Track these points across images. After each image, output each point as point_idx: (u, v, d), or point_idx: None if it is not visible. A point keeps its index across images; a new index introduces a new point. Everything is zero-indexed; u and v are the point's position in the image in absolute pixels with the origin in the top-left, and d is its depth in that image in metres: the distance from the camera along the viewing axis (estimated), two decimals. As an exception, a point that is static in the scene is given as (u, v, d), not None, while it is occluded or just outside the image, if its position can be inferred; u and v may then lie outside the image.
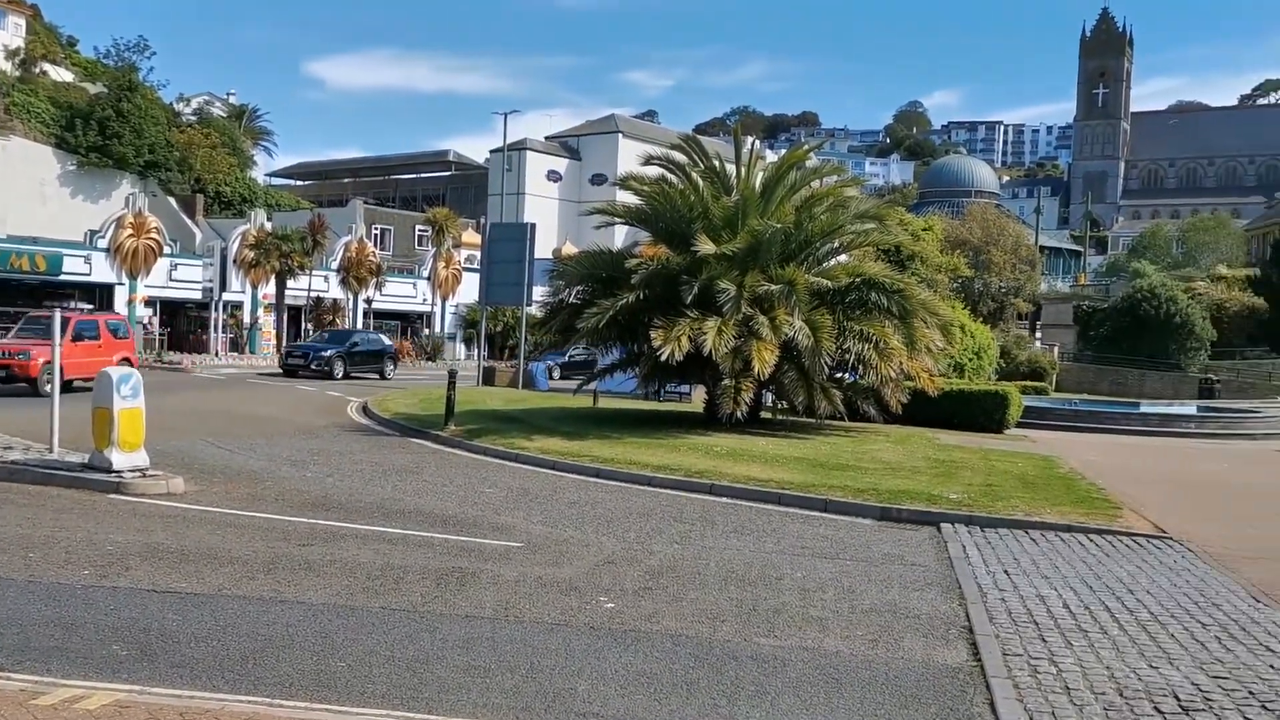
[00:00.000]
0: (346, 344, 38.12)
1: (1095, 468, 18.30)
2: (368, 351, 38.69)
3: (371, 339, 41.07)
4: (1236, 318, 60.16)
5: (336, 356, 36.42)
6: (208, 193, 63.68)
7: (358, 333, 42.56)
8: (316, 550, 9.75)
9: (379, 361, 38.65)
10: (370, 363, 38.23)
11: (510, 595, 8.42)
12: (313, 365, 35.67)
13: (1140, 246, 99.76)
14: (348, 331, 43.06)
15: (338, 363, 36.25)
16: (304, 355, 36.56)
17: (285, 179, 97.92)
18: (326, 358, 36.12)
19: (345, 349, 37.39)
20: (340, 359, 36.49)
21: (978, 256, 60.07)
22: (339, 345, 37.75)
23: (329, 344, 38.06)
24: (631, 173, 23.50)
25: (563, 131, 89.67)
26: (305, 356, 36.34)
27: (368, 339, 40.74)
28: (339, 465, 15.42)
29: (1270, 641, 7.87)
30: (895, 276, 22.23)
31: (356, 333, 42.47)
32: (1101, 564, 10.60)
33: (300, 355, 36.69)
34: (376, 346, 39.77)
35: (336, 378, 35.42)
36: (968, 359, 35.06)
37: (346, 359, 36.83)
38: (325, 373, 35.46)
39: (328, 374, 35.45)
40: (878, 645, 7.54)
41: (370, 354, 38.66)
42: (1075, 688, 6.59)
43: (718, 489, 14.25)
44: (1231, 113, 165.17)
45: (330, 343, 38.41)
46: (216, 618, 7.47)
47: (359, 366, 37.43)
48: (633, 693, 6.31)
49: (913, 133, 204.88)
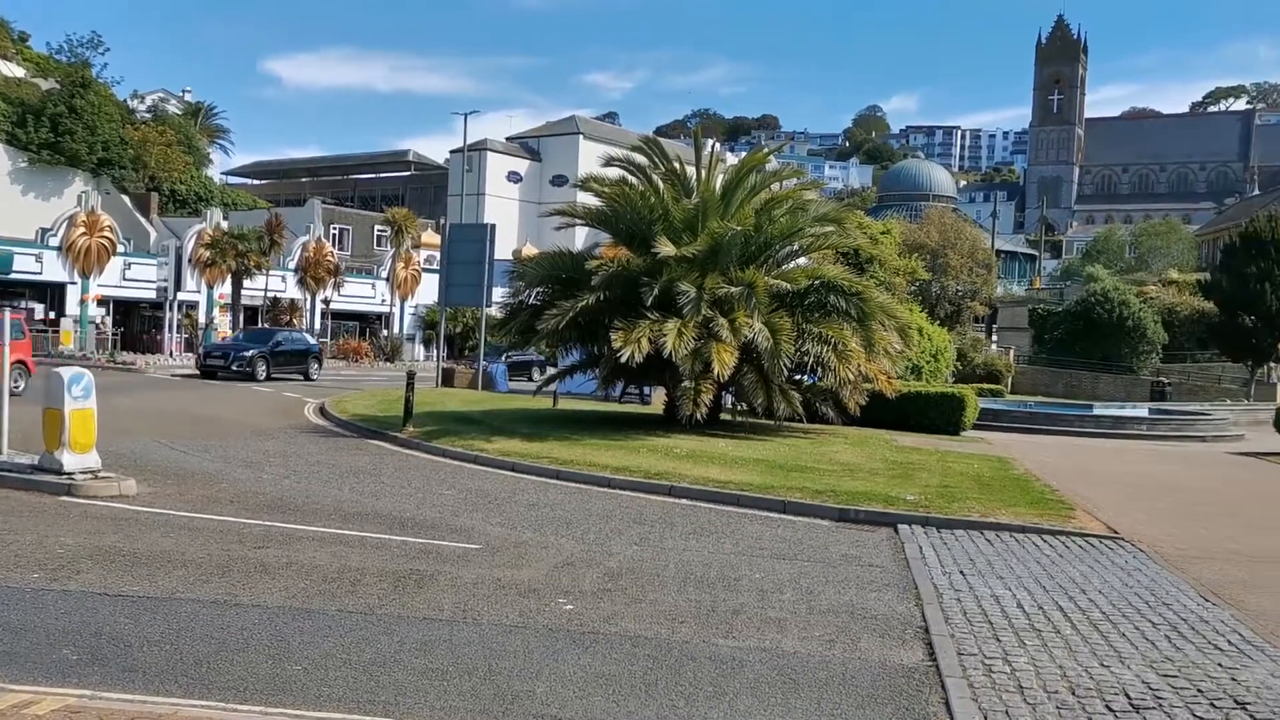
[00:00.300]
0: (269, 343, 36.17)
1: (1049, 469, 18.53)
2: (292, 351, 37.04)
3: (295, 338, 39.29)
4: (1187, 321, 61.09)
5: (259, 356, 34.63)
6: (162, 191, 62.93)
7: (281, 331, 40.45)
8: (272, 553, 9.65)
9: (303, 362, 37.03)
10: (294, 363, 36.62)
11: (468, 597, 8.38)
12: (233, 366, 33.91)
13: (1094, 251, 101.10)
14: (270, 330, 40.84)
15: (260, 363, 34.47)
16: (223, 355, 34.70)
17: (242, 178, 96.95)
18: (248, 358, 34.32)
19: (268, 349, 35.52)
20: (263, 359, 34.70)
21: (935, 260, 60.59)
22: (261, 345, 35.80)
23: (250, 343, 36.07)
24: (592, 174, 23.50)
25: (523, 132, 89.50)
26: (225, 357, 34.54)
27: (291, 338, 38.82)
28: (295, 467, 15.29)
29: (1218, 640, 8.01)
30: (854, 279, 22.39)
31: (279, 331, 40.27)
32: (1055, 564, 10.73)
33: (220, 355, 34.81)
34: (301, 346, 38.09)
35: (259, 379, 33.80)
36: (925, 361, 35.35)
37: (269, 359, 35.04)
38: (247, 374, 33.76)
39: (249, 375, 33.78)
40: (835, 646, 7.59)
41: (294, 354, 37.02)
42: (1029, 687, 6.67)
43: (677, 490, 14.28)
44: (1183, 120, 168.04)
45: (252, 342, 36.41)
46: (170, 621, 7.37)
47: (283, 367, 35.76)
48: (591, 694, 6.31)
49: (871, 137, 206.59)
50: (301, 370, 36.53)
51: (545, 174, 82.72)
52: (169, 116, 73.38)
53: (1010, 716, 6.15)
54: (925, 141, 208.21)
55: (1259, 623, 8.62)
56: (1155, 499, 16.42)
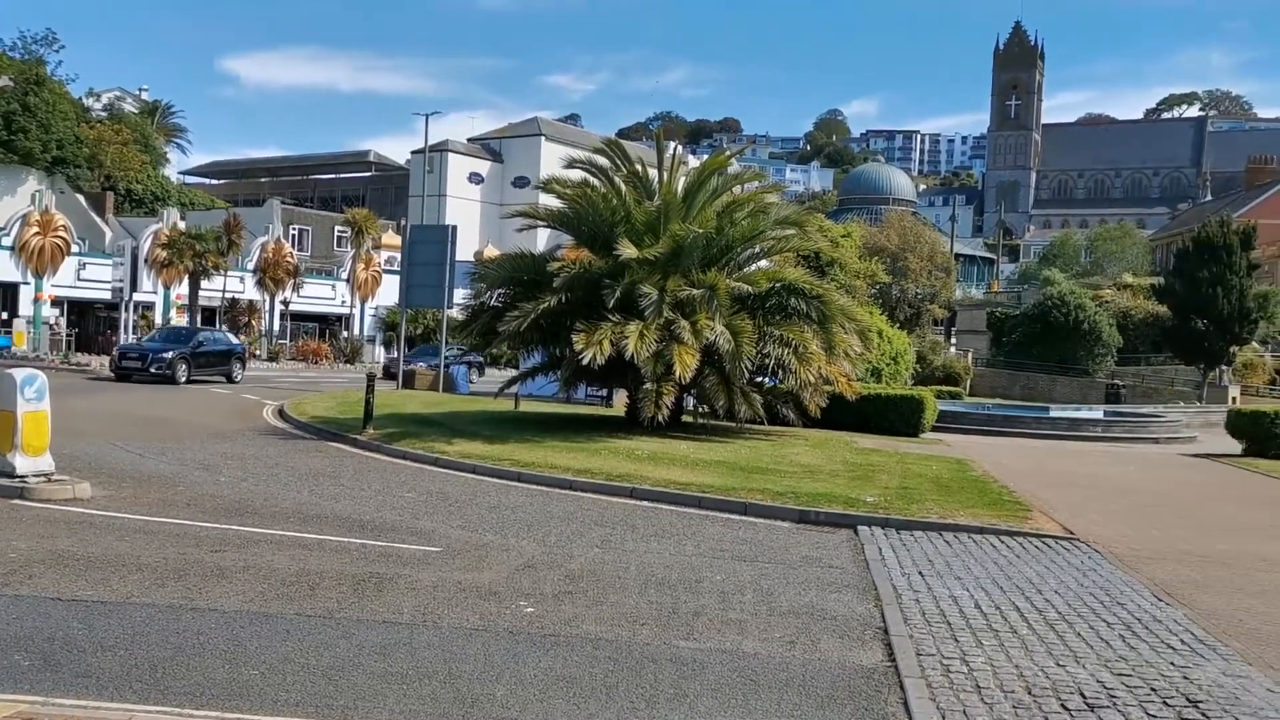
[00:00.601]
0: (190, 344, 33.86)
1: (1007, 470, 18.72)
2: (214, 352, 34.76)
3: (218, 337, 37.11)
4: (1141, 325, 61.95)
5: (179, 358, 32.30)
6: (118, 190, 62.16)
7: (202, 330, 38.20)
8: (229, 556, 9.55)
9: (226, 363, 34.84)
10: (217, 365, 34.47)
11: (428, 600, 8.34)
12: (151, 368, 31.64)
13: (1051, 255, 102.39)
14: (190, 329, 38.31)
15: (180, 365, 32.16)
16: (140, 357, 32.29)
17: (200, 177, 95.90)
18: (168, 360, 31.94)
19: (189, 349, 33.23)
20: (183, 360, 32.38)
21: (895, 263, 61.13)
22: (181, 345, 33.51)
23: (170, 344, 33.77)
24: (554, 176, 23.45)
25: (485, 133, 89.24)
26: (142, 359, 32.15)
27: (214, 338, 36.61)
28: (253, 469, 15.14)
29: (1171, 639, 8.13)
30: (815, 282, 22.51)
31: (201, 330, 38.03)
32: (1012, 565, 10.85)
33: (136, 357, 32.40)
34: (224, 346, 35.89)
35: (179, 382, 31.62)
36: (885, 364, 35.64)
37: (190, 361, 32.75)
38: (166, 377, 31.52)
39: (169, 378, 31.51)
40: (795, 647, 7.62)
41: (217, 355, 34.81)
42: (986, 686, 6.74)
43: (639, 492, 14.28)
44: (1137, 126, 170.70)
45: (171, 342, 34.10)
46: (124, 626, 7.28)
47: (204, 369, 33.60)
48: (552, 696, 6.30)
49: (832, 140, 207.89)
50: (224, 372, 34.53)
51: (507, 175, 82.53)
52: (125, 115, 72.48)
53: (968, 716, 6.21)
54: (885, 145, 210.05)
55: (1210, 622, 8.76)
56: (1110, 500, 16.63)
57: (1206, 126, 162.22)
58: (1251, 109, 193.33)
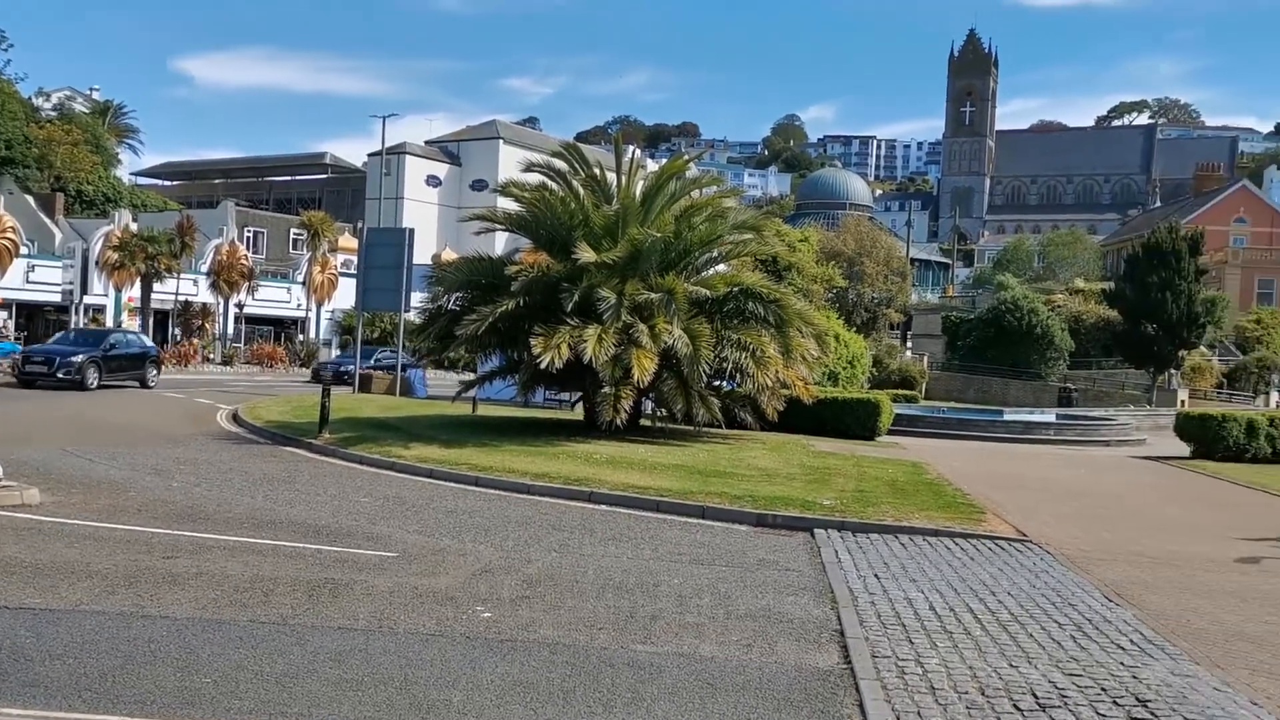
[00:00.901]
0: (101, 346, 31.53)
1: (961, 474, 18.92)
2: (127, 355, 32.52)
3: (130, 340, 34.54)
4: (1093, 329, 62.80)
5: (89, 362, 30.08)
6: (68, 191, 61.24)
7: (114, 332, 35.48)
8: (182, 563, 9.43)
9: (140, 367, 32.62)
10: (130, 369, 32.32)
11: (385, 606, 8.28)
12: (59, 374, 29.40)
13: (1004, 260, 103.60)
14: (101, 331, 35.78)
15: (90, 369, 29.98)
16: (46, 361, 30.02)
17: (152, 178, 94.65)
18: (76, 364, 29.65)
19: (100, 353, 30.90)
20: (94, 365, 30.15)
21: (852, 268, 61.48)
22: (92, 348, 31.16)
23: (79, 346, 31.40)
24: (512, 179, 23.40)
25: (443, 136, 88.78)
26: (49, 363, 29.85)
27: (126, 340, 34.11)
28: (206, 474, 14.96)
29: (1120, 640, 8.26)
30: (772, 286, 22.61)
31: (113, 332, 35.32)
32: (966, 567, 10.97)
33: (41, 361, 30.14)
34: (137, 349, 33.59)
35: (90, 388, 29.56)
36: (842, 368, 35.86)
37: (101, 365, 30.50)
38: (75, 383, 29.30)
39: (78, 384, 29.33)
40: (752, 650, 7.65)
41: (130, 358, 32.60)
42: (940, 688, 6.81)
43: (597, 496, 14.28)
44: (1088, 133, 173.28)
45: (80, 345, 31.72)
46: (73, 634, 7.16)
47: (117, 374, 31.54)
48: (509, 702, 6.28)
49: (790, 145, 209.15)
50: (138, 377, 32.42)
51: (465, 178, 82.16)
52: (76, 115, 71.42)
53: (922, 717, 6.27)
54: (842, 151, 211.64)
55: (1159, 622, 8.91)
56: (1062, 503, 16.86)
57: (1156, 134, 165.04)
58: (1199, 117, 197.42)
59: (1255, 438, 25.33)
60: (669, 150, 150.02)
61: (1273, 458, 25.13)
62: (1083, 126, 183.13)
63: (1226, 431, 25.41)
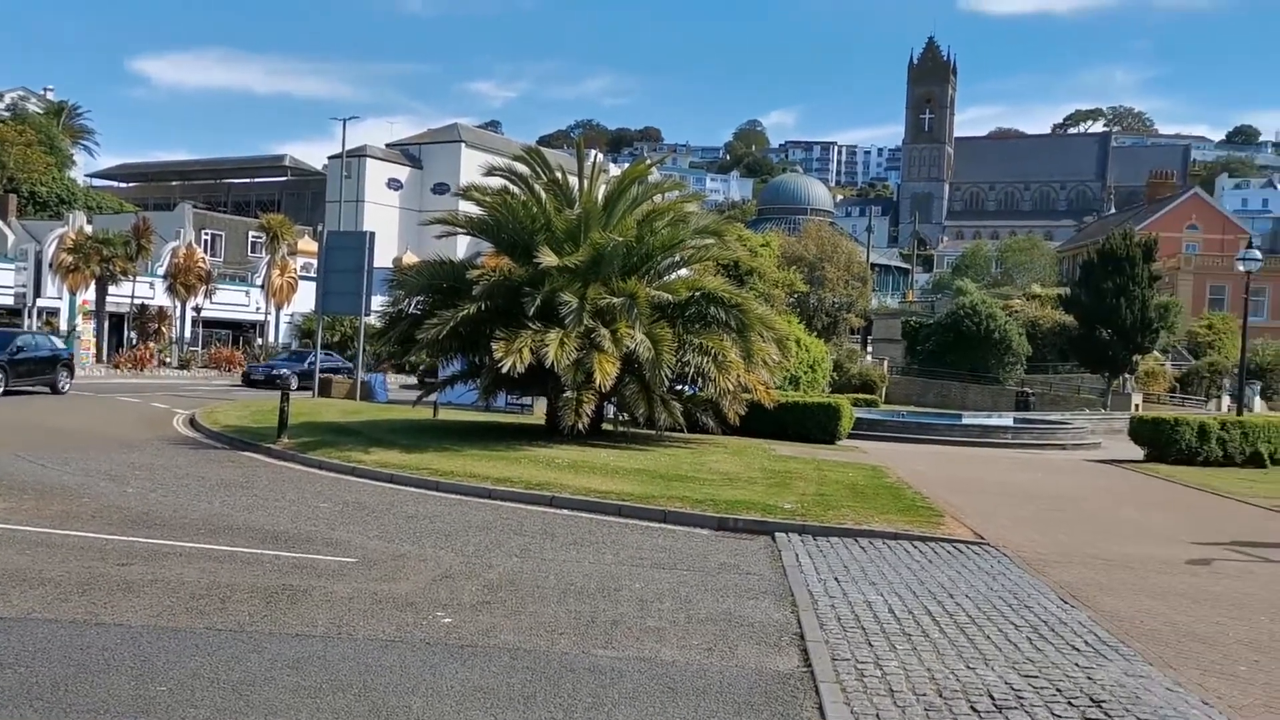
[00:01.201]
0: (7, 350, 28.89)
1: (920, 477, 19.08)
2: (36, 359, 30.21)
3: (41, 342, 32.10)
4: (1049, 334, 63.50)
5: None
6: (21, 193, 60.30)
7: (22, 334, 32.78)
8: (137, 569, 9.31)
9: (51, 371, 30.46)
10: (40, 373, 30.12)
11: (344, 612, 8.23)
12: None
13: (963, 265, 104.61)
14: (9, 333, 32.61)
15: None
16: None
17: (108, 180, 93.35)
18: None
19: (6, 356, 28.54)
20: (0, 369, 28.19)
21: (813, 272, 61.73)
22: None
23: None
24: (474, 183, 23.32)
25: (404, 139, 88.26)
26: None
27: (36, 342, 31.66)
28: (162, 480, 14.78)
29: (1076, 641, 8.37)
30: (734, 291, 22.68)
31: (20, 334, 32.57)
32: (925, 570, 11.06)
33: None
34: (48, 352, 31.25)
35: None
36: (803, 372, 36.02)
37: (8, 369, 28.34)
38: None
39: None
40: (713, 654, 7.68)
41: (40, 362, 30.32)
42: (899, 690, 6.86)
43: (558, 501, 14.26)
44: (1045, 140, 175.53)
45: None
46: (25, 642, 7.05)
47: (25, 378, 29.26)
48: (469, 708, 6.26)
49: (751, 151, 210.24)
50: (49, 381, 30.33)
51: (426, 182, 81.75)
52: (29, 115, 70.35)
53: (880, 719, 6.31)
54: (804, 156, 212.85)
55: (1113, 624, 9.04)
56: (1019, 506, 17.05)
57: (1110, 142, 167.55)
58: (1153, 125, 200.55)
59: (1207, 441, 25.73)
60: (631, 155, 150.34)
61: (1224, 460, 25.55)
62: (1040, 134, 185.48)
63: (1179, 435, 25.79)
